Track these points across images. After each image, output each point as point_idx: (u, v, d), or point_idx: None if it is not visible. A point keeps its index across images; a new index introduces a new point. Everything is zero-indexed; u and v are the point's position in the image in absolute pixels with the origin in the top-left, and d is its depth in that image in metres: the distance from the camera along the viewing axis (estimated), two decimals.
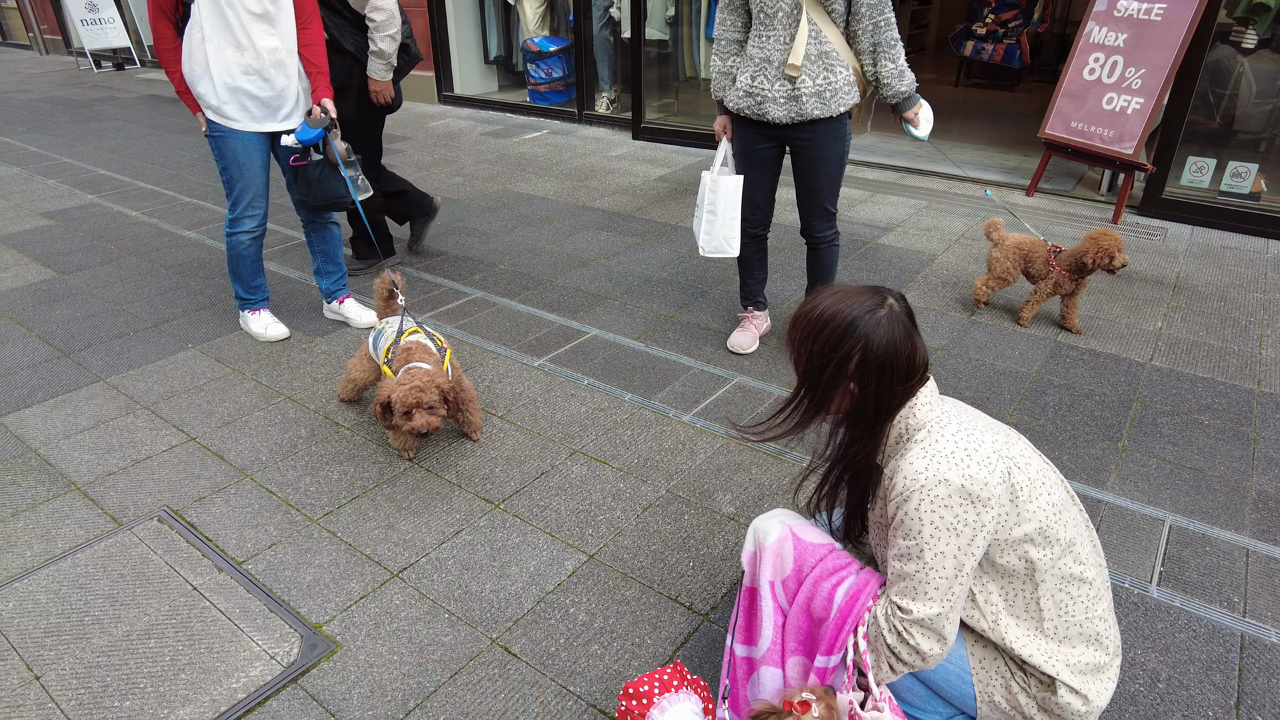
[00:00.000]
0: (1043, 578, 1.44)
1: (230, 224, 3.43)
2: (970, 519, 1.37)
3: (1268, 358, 3.41)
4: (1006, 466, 1.41)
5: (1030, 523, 1.42)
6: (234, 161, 3.30)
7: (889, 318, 1.46)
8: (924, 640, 1.40)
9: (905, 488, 1.40)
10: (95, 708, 1.92)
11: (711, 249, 3.28)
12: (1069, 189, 5.54)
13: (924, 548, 1.38)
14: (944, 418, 1.47)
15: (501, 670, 2.00)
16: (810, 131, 2.98)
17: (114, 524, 2.52)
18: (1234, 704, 1.89)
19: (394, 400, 2.55)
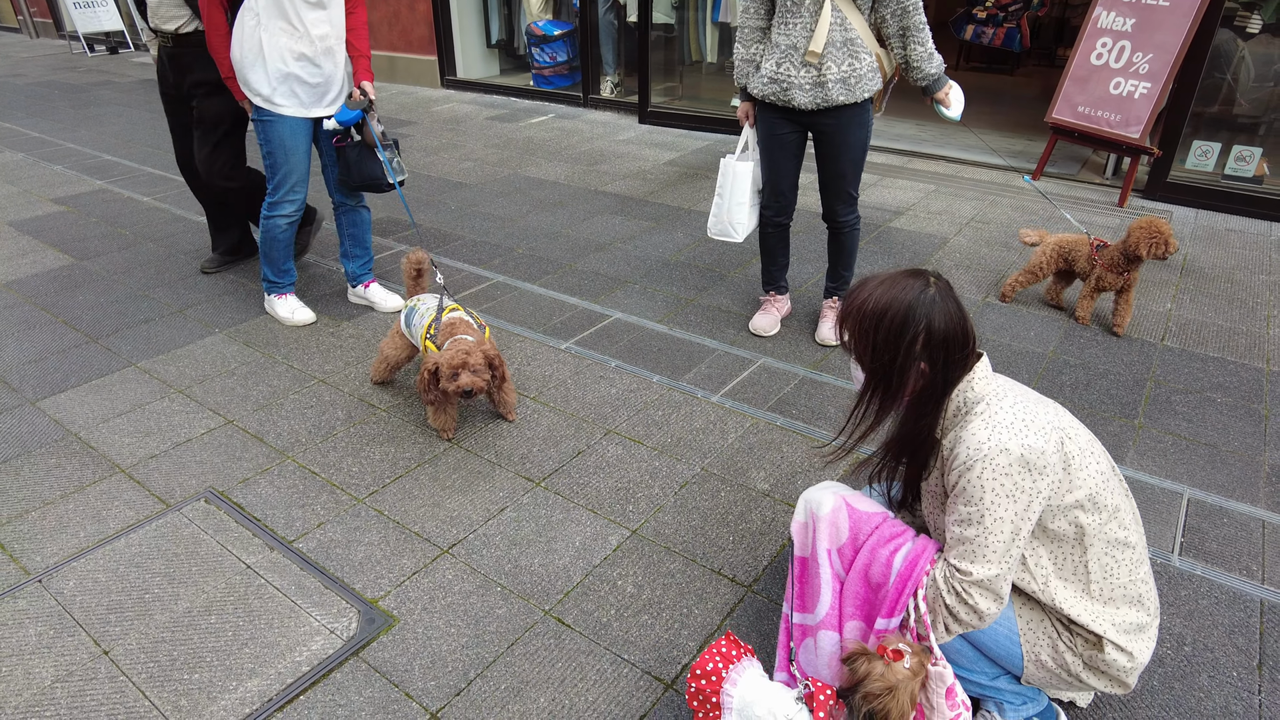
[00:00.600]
0: (1091, 542, 1.53)
1: (269, 207, 3.47)
2: (1028, 486, 1.45)
3: (1275, 337, 3.51)
4: (1060, 437, 1.50)
5: (1081, 489, 1.50)
6: (280, 147, 3.34)
7: (940, 293, 1.54)
8: (982, 600, 1.49)
9: (969, 457, 1.47)
10: (166, 680, 1.98)
11: (717, 231, 3.38)
12: (1074, 173, 5.62)
13: (984, 513, 1.46)
14: (1000, 391, 1.55)
15: (557, 641, 2.08)
16: (835, 117, 3.04)
17: (162, 505, 2.57)
18: (1256, 665, 1.99)
19: (441, 364, 2.62)
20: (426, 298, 2.99)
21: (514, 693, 1.94)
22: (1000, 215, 4.92)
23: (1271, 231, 4.66)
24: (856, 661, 1.48)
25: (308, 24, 3.17)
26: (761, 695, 1.61)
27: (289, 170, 3.40)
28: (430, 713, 1.90)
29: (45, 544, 2.41)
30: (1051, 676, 1.63)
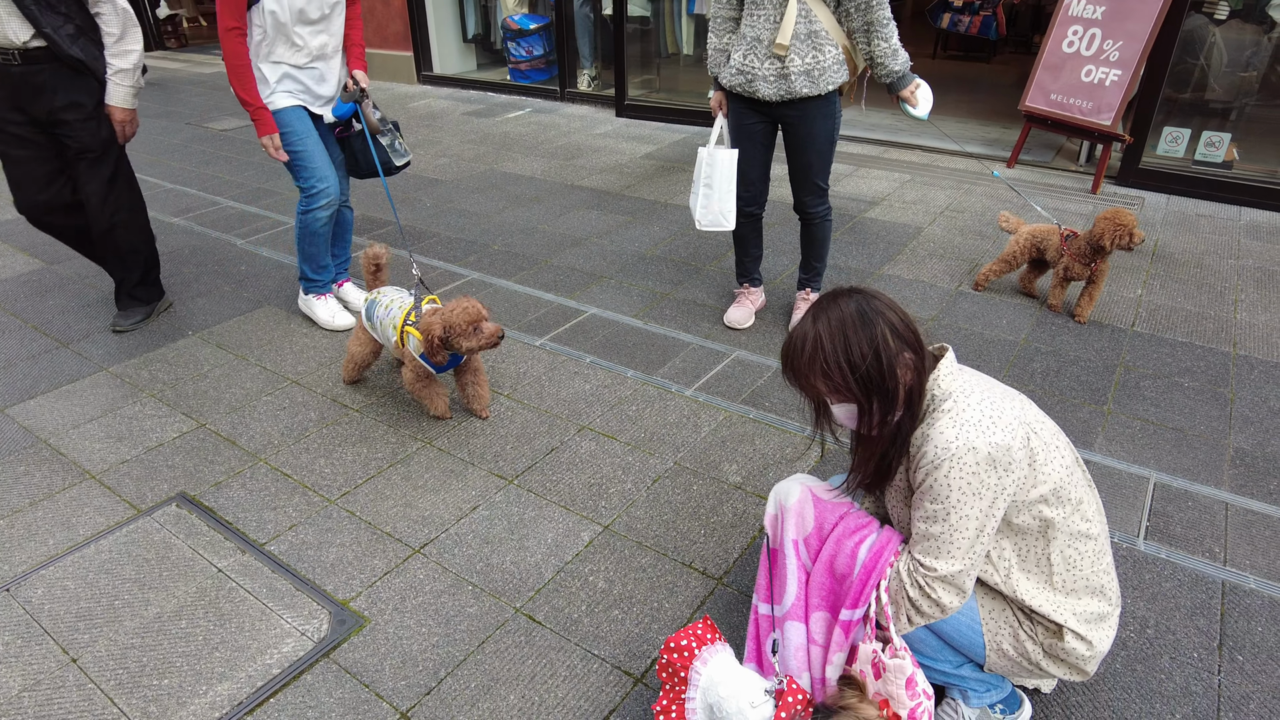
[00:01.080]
0: (1054, 535, 1.54)
1: (307, 200, 3.39)
2: (994, 483, 1.46)
3: (1242, 321, 3.55)
4: (1026, 432, 1.51)
5: (1046, 484, 1.51)
6: (295, 137, 3.27)
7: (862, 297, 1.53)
8: (945, 594, 1.50)
9: (937, 456, 1.48)
10: (135, 686, 1.98)
11: (708, 222, 3.35)
12: (1049, 160, 5.65)
13: (950, 511, 1.47)
14: (967, 387, 1.55)
15: (527, 637, 2.09)
16: (800, 109, 3.04)
17: (133, 510, 2.56)
18: (1216, 645, 2.02)
19: (452, 323, 2.63)
20: (387, 290, 2.98)
21: (484, 690, 1.95)
22: (975, 204, 4.94)
23: (1241, 216, 4.71)
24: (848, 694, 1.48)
25: (307, 39, 3.17)
26: (730, 679, 1.62)
27: (309, 157, 3.32)
28: (400, 712, 1.90)
29: (13, 553, 2.40)
30: (1013, 665, 1.65)
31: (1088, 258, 3.42)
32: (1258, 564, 2.26)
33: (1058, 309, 3.63)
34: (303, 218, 3.44)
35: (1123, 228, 3.27)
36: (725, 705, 1.58)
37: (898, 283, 3.94)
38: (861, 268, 4.10)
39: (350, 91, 3.35)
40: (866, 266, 4.12)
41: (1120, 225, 3.27)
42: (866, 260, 4.19)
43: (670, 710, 1.66)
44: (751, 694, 1.58)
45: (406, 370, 2.85)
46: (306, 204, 3.40)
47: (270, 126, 3.18)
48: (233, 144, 6.59)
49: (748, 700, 1.57)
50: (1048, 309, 3.65)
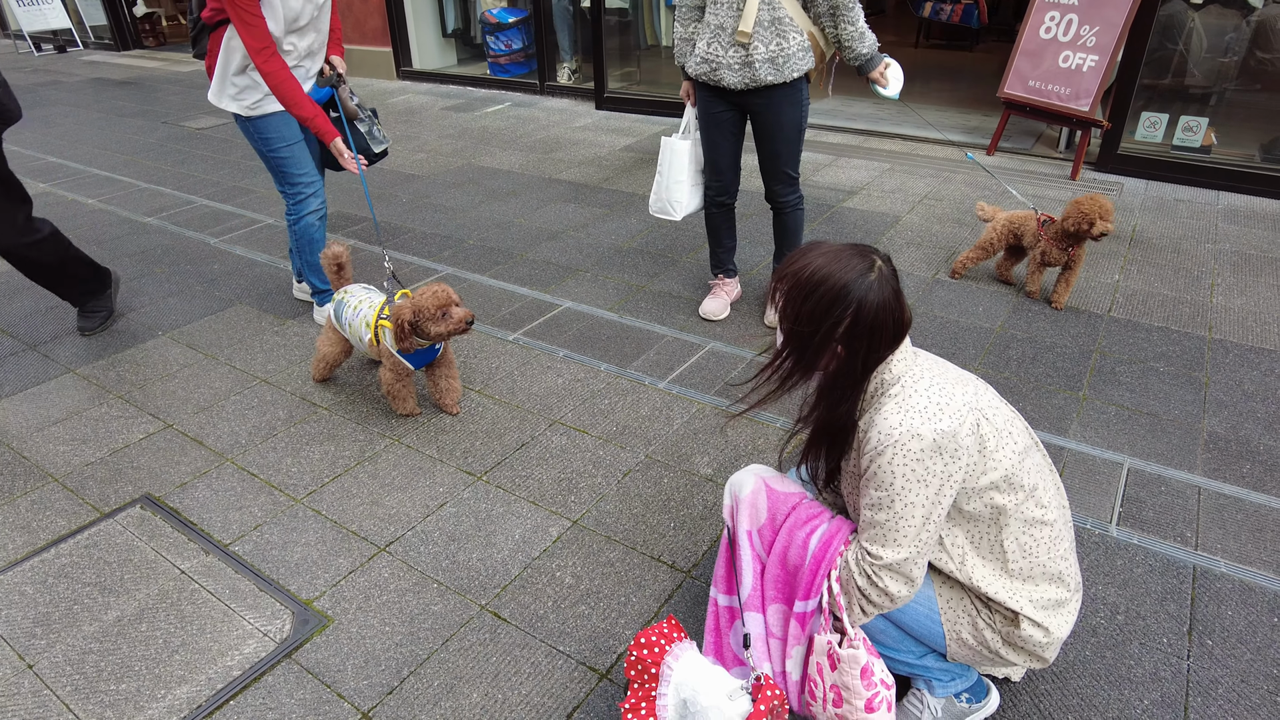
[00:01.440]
0: (1006, 522, 1.52)
1: (296, 207, 3.31)
2: (939, 470, 1.43)
3: (1218, 305, 3.54)
4: (976, 419, 1.48)
5: (997, 471, 1.49)
6: (282, 142, 3.20)
7: (879, 281, 1.46)
8: (892, 583, 1.48)
9: (880, 442, 1.46)
10: (91, 692, 1.94)
11: (656, 209, 3.38)
12: (1028, 147, 5.64)
13: (895, 498, 1.45)
14: (918, 372, 1.52)
15: (492, 635, 2.06)
16: (765, 97, 3.02)
17: (96, 513, 2.52)
18: (1186, 630, 2.01)
19: (421, 307, 2.60)
20: (354, 289, 2.94)
21: (447, 689, 1.92)
22: (953, 192, 4.93)
23: (1219, 201, 4.71)
24: None
25: (296, 42, 3.08)
26: (703, 674, 1.60)
27: (296, 162, 3.26)
28: (362, 712, 1.87)
29: None
30: (974, 654, 1.63)
31: (1064, 243, 3.40)
32: (1229, 548, 2.25)
33: (1035, 295, 3.61)
34: (296, 226, 3.35)
35: (1084, 216, 3.26)
36: (699, 700, 1.55)
37: None
38: None
39: (327, 76, 3.28)
40: None
41: (1083, 213, 3.26)
42: None
43: (640, 708, 1.64)
44: (727, 688, 1.56)
45: (385, 370, 2.81)
46: (297, 210, 3.32)
47: (334, 132, 3.06)
48: (209, 142, 6.53)
49: (724, 694, 1.55)
50: (1025, 295, 3.63)
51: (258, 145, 3.23)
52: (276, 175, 3.29)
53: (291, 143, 3.23)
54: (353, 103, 3.36)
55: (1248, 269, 3.86)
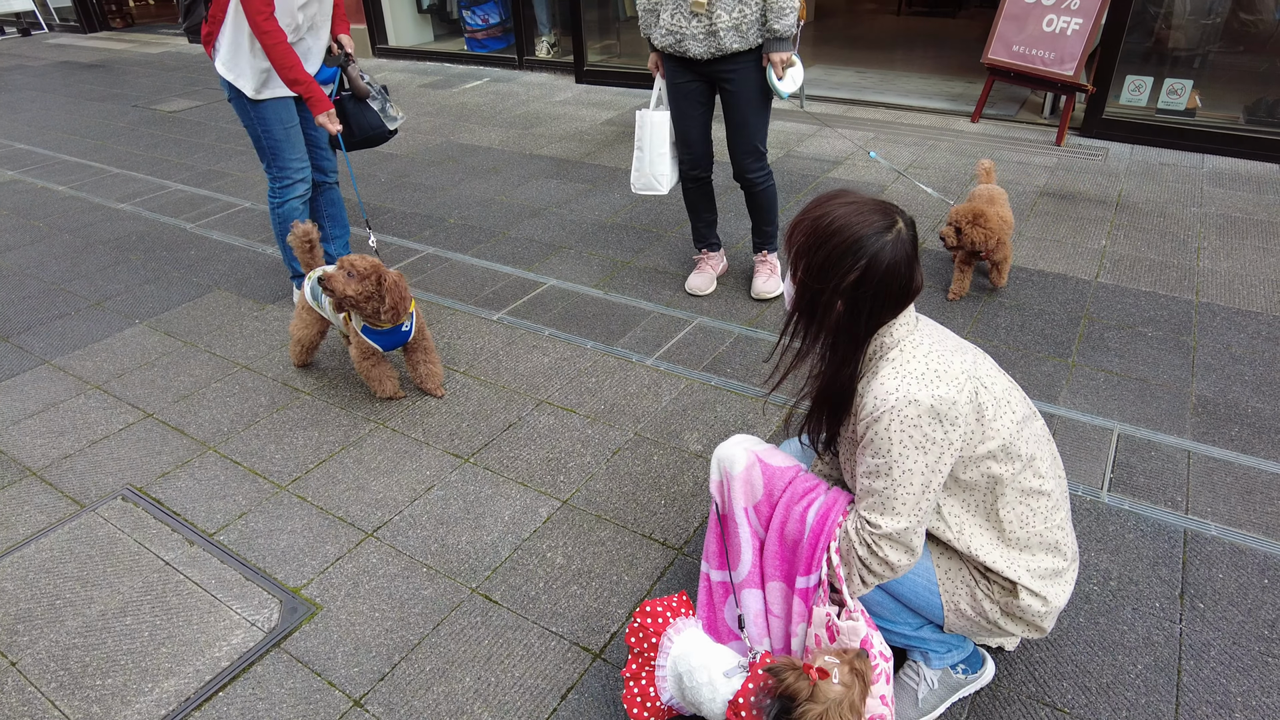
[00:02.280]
0: (1003, 491, 1.50)
1: (280, 192, 3.23)
2: (938, 438, 1.41)
3: (1204, 269, 3.54)
4: (974, 387, 1.45)
5: (994, 440, 1.46)
6: (279, 126, 3.12)
7: (895, 241, 1.41)
8: (893, 552, 1.46)
9: (875, 408, 1.43)
10: (76, 688, 1.91)
11: (641, 185, 3.31)
12: (1013, 114, 5.60)
13: (892, 465, 1.42)
14: (917, 338, 1.49)
15: (484, 618, 2.04)
16: (733, 65, 2.96)
17: (76, 506, 2.47)
18: (1178, 594, 2.01)
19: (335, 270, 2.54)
20: (328, 269, 2.88)
21: (439, 674, 1.90)
22: (939, 159, 4.89)
23: (1204, 164, 4.69)
24: (784, 675, 1.42)
25: (294, 13, 2.95)
26: (701, 651, 1.58)
27: (291, 147, 3.18)
28: (353, 700, 1.85)
29: None
30: (972, 625, 1.62)
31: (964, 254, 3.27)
32: (1219, 511, 2.25)
33: (954, 297, 3.36)
34: (279, 210, 3.26)
35: (950, 224, 3.15)
36: (696, 675, 1.54)
37: None
38: None
39: (335, 55, 3.19)
40: None
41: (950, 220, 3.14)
42: None
43: (640, 676, 1.63)
44: (725, 666, 1.54)
45: (353, 348, 2.76)
46: (281, 195, 3.24)
47: (326, 103, 2.99)
48: (182, 126, 6.39)
49: (720, 670, 1.54)
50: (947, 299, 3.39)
51: (254, 128, 3.14)
52: (268, 159, 3.21)
53: (289, 126, 3.15)
54: (363, 81, 3.28)
55: (1233, 232, 3.85)
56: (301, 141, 3.23)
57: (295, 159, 3.21)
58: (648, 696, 1.61)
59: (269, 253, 4.09)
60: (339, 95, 3.29)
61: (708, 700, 1.51)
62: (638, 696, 1.61)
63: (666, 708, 1.62)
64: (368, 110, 3.31)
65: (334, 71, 3.24)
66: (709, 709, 1.52)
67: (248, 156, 5.55)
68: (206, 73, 8.13)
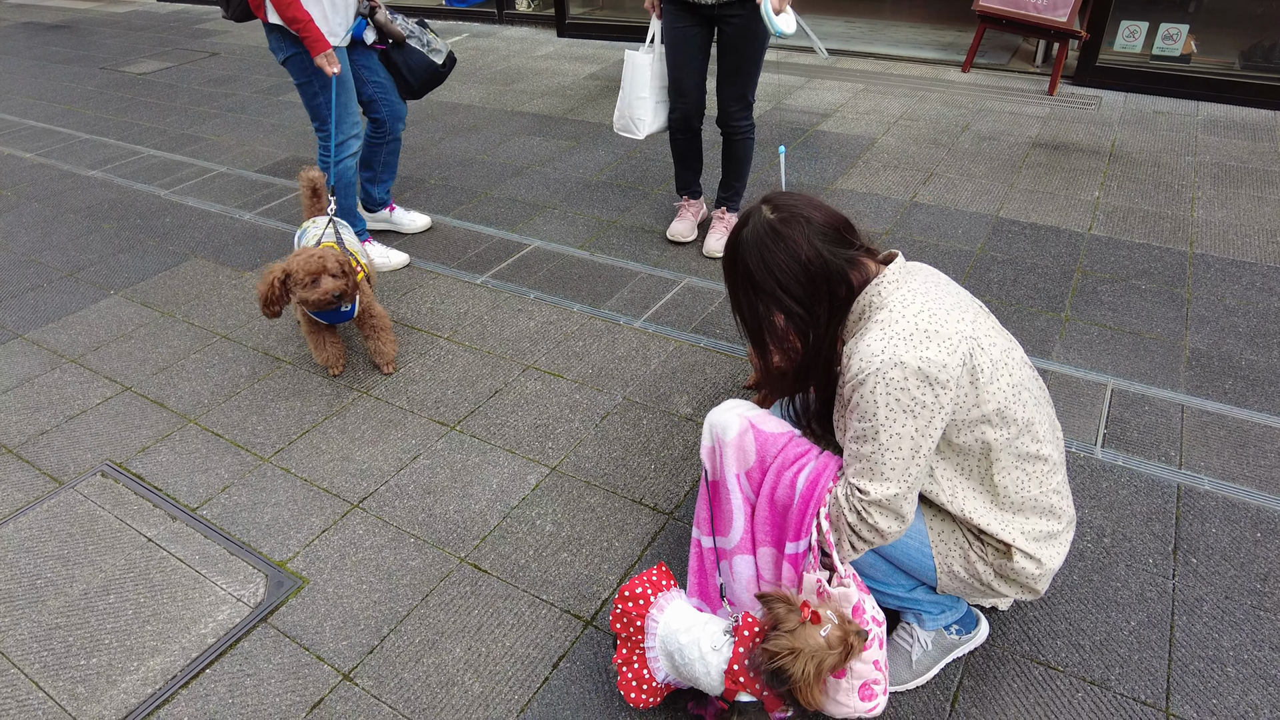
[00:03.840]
0: (997, 457, 1.46)
1: (338, 149, 3.11)
2: (927, 401, 1.36)
3: (1199, 219, 3.49)
4: (969, 348, 1.40)
5: (989, 404, 1.42)
6: (322, 88, 2.99)
7: (753, 230, 1.49)
8: (882, 519, 1.43)
9: (860, 370, 1.38)
10: (60, 668, 1.88)
11: (619, 126, 3.26)
12: (1005, 62, 5.48)
13: (879, 430, 1.38)
14: (908, 296, 1.43)
15: (473, 587, 2.01)
16: (739, 10, 2.87)
17: (54, 483, 2.42)
18: (1171, 550, 2.00)
19: (293, 270, 2.43)
20: (321, 220, 2.80)
21: (429, 645, 1.88)
22: (930, 111, 4.79)
23: (1199, 111, 4.61)
24: (774, 605, 1.41)
25: None
26: (687, 625, 1.56)
27: (348, 99, 3.07)
28: (342, 674, 1.83)
29: None
30: (965, 586, 1.60)
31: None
32: (1212, 465, 2.24)
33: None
34: (337, 167, 3.14)
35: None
36: (686, 652, 1.52)
37: (851, 196, 3.81)
38: (814, 183, 3.96)
39: (360, 7, 3.06)
40: (819, 181, 3.98)
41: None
42: (819, 175, 4.05)
43: (632, 661, 1.60)
44: (712, 638, 1.52)
45: (299, 312, 2.67)
46: (339, 153, 3.12)
47: (324, 44, 2.86)
48: (152, 88, 6.20)
49: (709, 645, 1.51)
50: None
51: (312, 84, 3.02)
52: (321, 117, 3.09)
53: (324, 87, 3.02)
54: (395, 24, 3.15)
55: (1228, 181, 3.80)
56: (355, 99, 3.13)
57: (349, 113, 3.10)
58: (643, 679, 1.59)
59: (246, 218, 3.99)
60: (382, 46, 3.18)
61: (702, 675, 1.49)
62: (633, 681, 1.59)
63: (664, 686, 1.60)
64: (412, 53, 3.21)
65: (360, 26, 3.09)
66: (706, 683, 1.50)
67: (222, 120, 5.40)
68: (176, 33, 7.88)
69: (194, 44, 7.43)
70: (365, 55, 3.17)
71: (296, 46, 2.92)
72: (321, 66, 2.90)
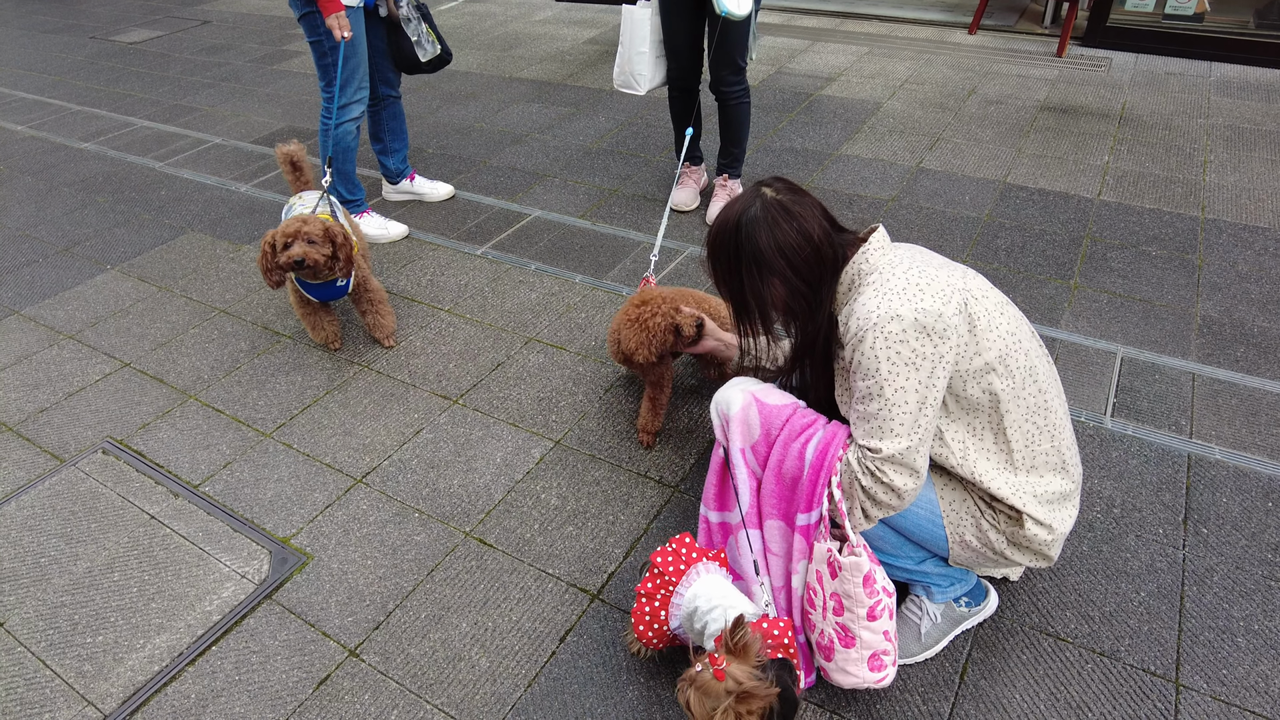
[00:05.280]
0: (1008, 409, 1.45)
1: (339, 112, 3.04)
2: (928, 351, 1.36)
3: (1211, 184, 3.43)
4: (963, 298, 1.40)
5: (990, 351, 1.41)
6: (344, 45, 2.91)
7: (762, 206, 1.48)
8: (898, 476, 1.41)
9: (859, 328, 1.39)
10: (67, 646, 1.88)
11: (620, 82, 3.20)
12: (1012, 24, 5.37)
13: (884, 385, 1.37)
14: (896, 259, 1.46)
15: (479, 562, 2.00)
16: None
17: (56, 461, 2.41)
18: (1182, 520, 1.98)
19: (275, 236, 2.40)
20: (307, 196, 2.75)
21: (435, 620, 1.87)
22: (936, 74, 4.70)
23: (1211, 72, 4.52)
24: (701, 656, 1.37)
25: None
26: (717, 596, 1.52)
27: (358, 63, 3.00)
28: (349, 649, 1.83)
29: None
30: (978, 556, 1.58)
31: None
32: (1223, 434, 2.21)
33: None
34: (337, 130, 3.06)
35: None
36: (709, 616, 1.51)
37: (856, 163, 3.74)
38: (818, 149, 3.90)
39: None
40: (823, 148, 3.91)
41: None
42: (823, 141, 3.98)
43: (655, 596, 1.60)
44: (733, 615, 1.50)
45: (290, 294, 2.64)
46: (339, 115, 3.04)
47: (335, 5, 2.79)
48: (144, 58, 6.09)
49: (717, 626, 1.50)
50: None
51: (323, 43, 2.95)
52: (329, 76, 3.01)
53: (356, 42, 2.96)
54: (401, 9, 3.09)
55: (1241, 144, 3.73)
56: (365, 62, 3.06)
57: (355, 76, 3.03)
58: (657, 619, 1.59)
59: (243, 191, 3.94)
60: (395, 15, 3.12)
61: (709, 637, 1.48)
62: (647, 615, 1.59)
63: (671, 634, 1.60)
64: (403, 38, 3.15)
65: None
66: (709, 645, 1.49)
67: (215, 90, 5.31)
68: (166, 0, 7.73)
69: (184, 11, 7.29)
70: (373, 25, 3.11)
71: (312, 5, 2.85)
72: (331, 29, 2.84)
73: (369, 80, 3.15)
